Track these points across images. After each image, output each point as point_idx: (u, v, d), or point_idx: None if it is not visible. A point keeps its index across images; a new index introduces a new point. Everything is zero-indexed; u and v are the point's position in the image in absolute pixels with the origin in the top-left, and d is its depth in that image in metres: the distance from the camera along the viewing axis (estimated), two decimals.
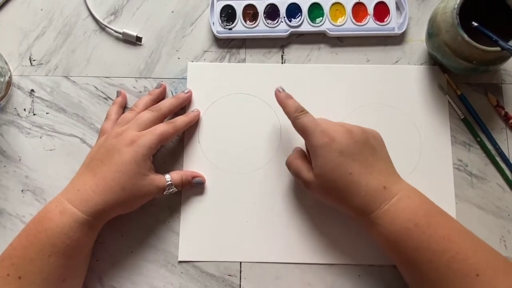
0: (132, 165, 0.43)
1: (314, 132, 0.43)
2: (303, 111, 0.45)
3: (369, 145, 0.43)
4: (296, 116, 0.45)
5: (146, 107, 0.49)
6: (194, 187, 0.49)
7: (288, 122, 0.50)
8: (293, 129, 0.51)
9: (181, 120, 0.49)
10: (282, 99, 0.47)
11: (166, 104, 0.49)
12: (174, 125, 0.47)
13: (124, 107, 0.52)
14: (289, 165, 0.47)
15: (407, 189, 0.42)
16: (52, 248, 0.40)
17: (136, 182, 0.43)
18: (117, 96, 0.51)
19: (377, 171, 0.42)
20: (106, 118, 0.50)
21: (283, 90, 0.47)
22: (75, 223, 0.41)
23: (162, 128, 0.46)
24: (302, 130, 0.44)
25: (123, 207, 0.44)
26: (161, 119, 0.48)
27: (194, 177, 0.49)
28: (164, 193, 0.46)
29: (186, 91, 0.51)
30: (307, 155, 0.46)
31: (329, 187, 0.42)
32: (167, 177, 0.46)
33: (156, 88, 0.51)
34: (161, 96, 0.51)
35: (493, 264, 0.38)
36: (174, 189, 0.47)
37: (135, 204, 0.45)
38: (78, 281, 0.44)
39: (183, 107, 0.51)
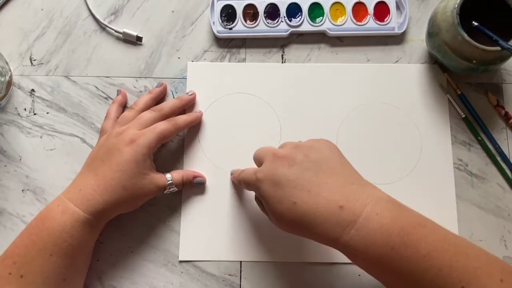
0: (132, 164, 0.43)
1: (249, 178, 0.41)
2: (243, 170, 0.44)
3: (308, 164, 0.38)
4: (238, 178, 0.44)
5: (146, 106, 0.49)
6: (195, 187, 0.49)
7: (288, 122, 0.50)
8: (294, 128, 0.51)
9: (182, 119, 0.48)
10: (234, 177, 0.47)
11: (168, 105, 0.49)
12: (175, 123, 0.47)
13: (124, 106, 0.52)
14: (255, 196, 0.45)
15: (372, 203, 0.36)
16: (53, 247, 0.40)
17: (136, 182, 0.43)
18: (117, 95, 0.51)
19: (327, 189, 0.36)
20: (106, 117, 0.50)
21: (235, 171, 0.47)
22: (76, 222, 0.41)
23: (162, 126, 0.46)
24: (245, 184, 0.43)
25: (124, 206, 0.44)
26: (162, 119, 0.48)
27: (195, 177, 0.49)
28: (165, 192, 0.46)
29: (190, 93, 0.51)
30: None
31: (285, 223, 0.38)
32: (168, 176, 0.46)
33: (156, 87, 0.51)
34: (162, 95, 0.51)
35: (477, 270, 0.34)
36: (174, 189, 0.47)
37: (136, 203, 0.45)
38: (79, 280, 0.44)
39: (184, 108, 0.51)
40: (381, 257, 0.35)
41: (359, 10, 0.54)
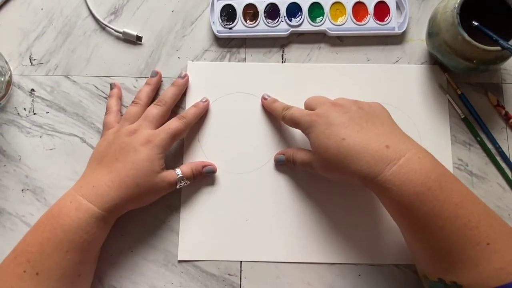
0: (147, 162, 0.44)
1: (301, 117, 0.44)
2: (288, 107, 0.47)
3: (362, 113, 0.42)
4: (283, 114, 0.47)
5: (149, 98, 0.50)
6: (206, 177, 0.49)
7: None
8: (294, 128, 0.51)
9: (191, 113, 0.49)
10: (268, 104, 0.50)
11: (169, 95, 0.49)
12: (186, 121, 0.48)
13: (121, 98, 0.52)
14: (293, 158, 0.48)
15: (416, 149, 0.39)
16: (69, 243, 0.40)
17: (149, 180, 0.44)
18: (112, 89, 0.52)
19: (376, 132, 0.40)
20: (107, 111, 0.50)
21: (269, 96, 0.51)
22: (91, 218, 0.41)
23: (175, 125, 0.47)
24: (292, 122, 0.46)
25: (137, 203, 0.45)
26: (168, 111, 0.49)
27: (204, 166, 0.49)
28: (177, 187, 0.47)
29: (183, 76, 0.51)
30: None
31: (327, 158, 0.41)
32: (177, 171, 0.47)
33: (152, 76, 0.51)
34: (159, 84, 0.52)
35: (503, 233, 0.37)
36: (187, 182, 0.47)
37: (148, 199, 0.46)
38: (91, 275, 0.45)
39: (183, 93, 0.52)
40: (417, 195, 0.36)
41: (359, 10, 0.54)
